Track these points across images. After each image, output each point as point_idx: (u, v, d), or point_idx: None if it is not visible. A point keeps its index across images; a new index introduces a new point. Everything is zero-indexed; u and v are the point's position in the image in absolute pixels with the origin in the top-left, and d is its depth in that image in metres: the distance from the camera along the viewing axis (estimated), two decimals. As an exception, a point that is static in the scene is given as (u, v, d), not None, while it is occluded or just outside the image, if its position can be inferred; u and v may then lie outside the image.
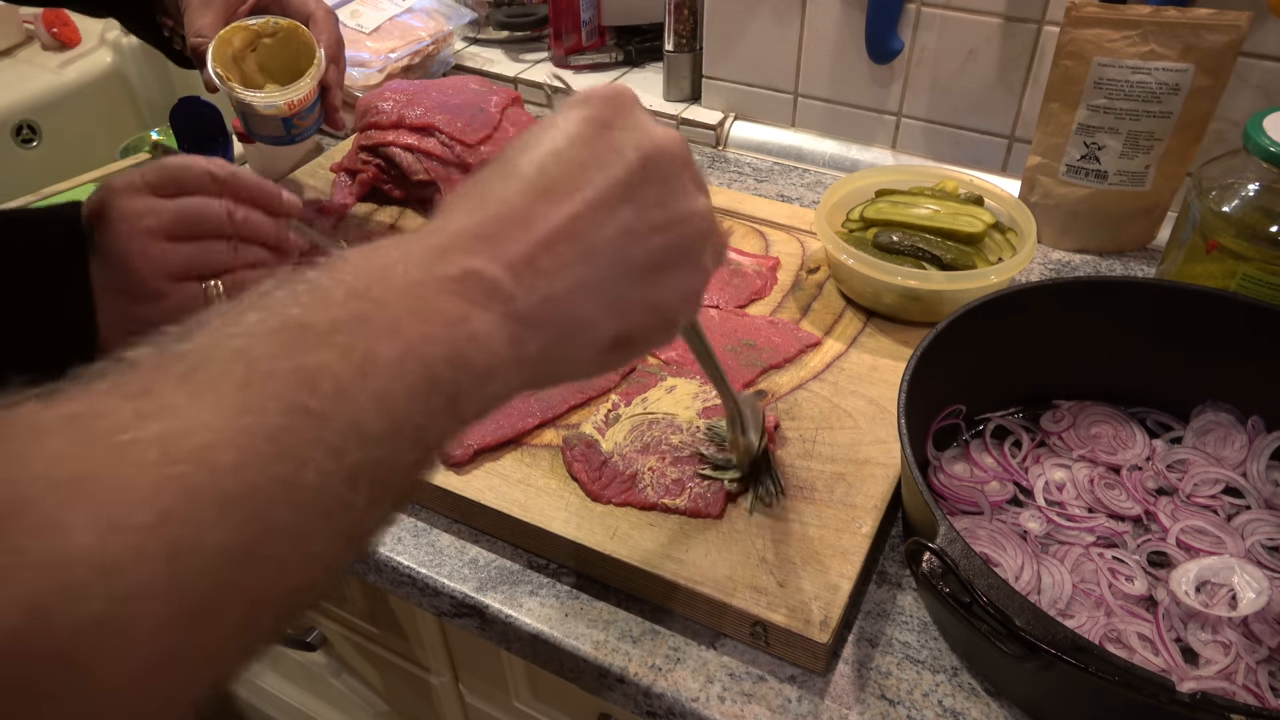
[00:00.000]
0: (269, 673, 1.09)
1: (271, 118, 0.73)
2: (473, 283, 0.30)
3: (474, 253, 0.31)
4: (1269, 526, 0.57)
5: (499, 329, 0.31)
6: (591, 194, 0.34)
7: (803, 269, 0.79)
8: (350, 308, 0.27)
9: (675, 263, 0.37)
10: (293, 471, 0.24)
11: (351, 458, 0.26)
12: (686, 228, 0.37)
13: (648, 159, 0.35)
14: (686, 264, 0.37)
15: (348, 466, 0.25)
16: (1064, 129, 0.79)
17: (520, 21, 1.17)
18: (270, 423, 0.24)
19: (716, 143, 1.03)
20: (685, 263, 0.37)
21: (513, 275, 0.31)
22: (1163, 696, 0.39)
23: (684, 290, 0.38)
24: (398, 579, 0.60)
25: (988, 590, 0.44)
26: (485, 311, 0.30)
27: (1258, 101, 0.76)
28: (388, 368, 0.27)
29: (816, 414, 0.64)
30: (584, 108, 0.36)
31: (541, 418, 0.63)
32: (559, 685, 0.64)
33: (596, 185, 0.34)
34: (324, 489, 0.25)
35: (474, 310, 0.30)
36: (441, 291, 0.30)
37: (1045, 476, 0.61)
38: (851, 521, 0.56)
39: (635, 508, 0.57)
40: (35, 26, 1.23)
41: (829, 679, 0.52)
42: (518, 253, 0.32)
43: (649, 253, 0.35)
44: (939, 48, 0.88)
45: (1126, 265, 0.83)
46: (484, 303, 0.30)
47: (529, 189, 0.33)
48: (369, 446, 0.26)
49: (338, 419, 0.25)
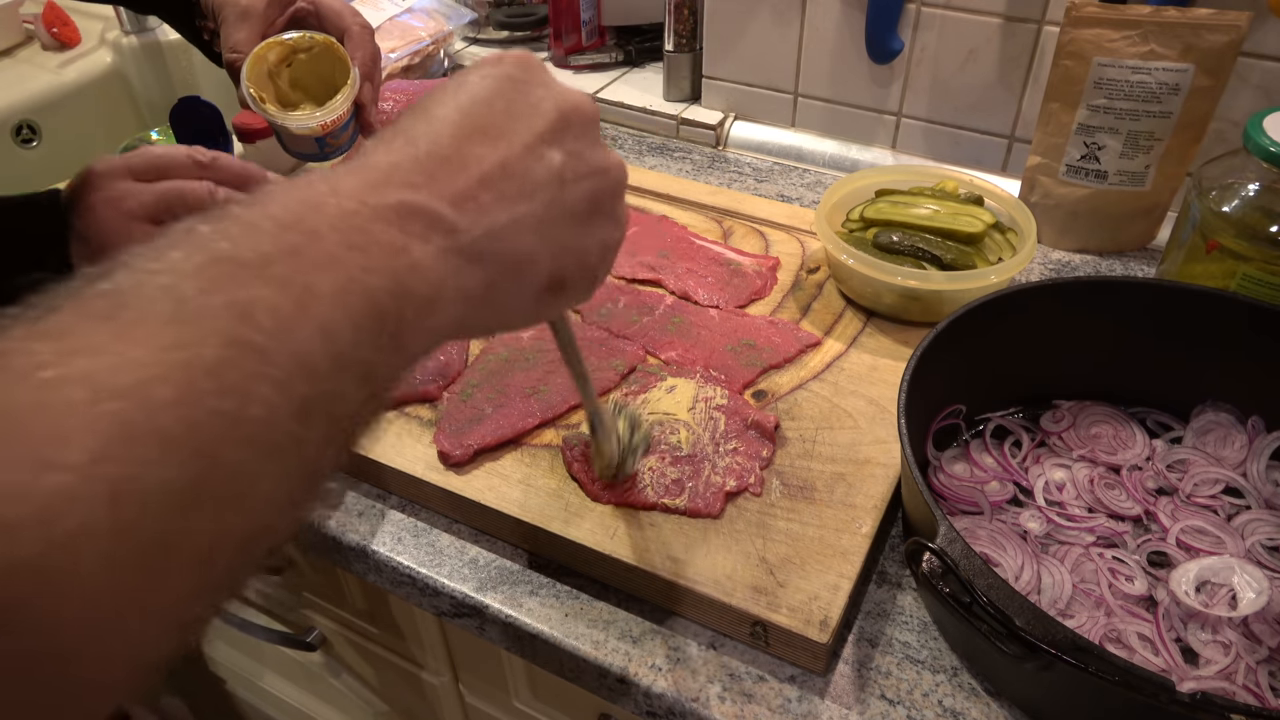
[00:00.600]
0: (269, 673, 1.09)
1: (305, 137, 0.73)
2: (411, 215, 0.30)
3: (413, 186, 0.31)
4: (1269, 526, 0.57)
5: (441, 260, 0.31)
6: (524, 137, 0.35)
7: (803, 269, 0.79)
8: (281, 240, 0.27)
9: (599, 211, 0.38)
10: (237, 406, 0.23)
11: (299, 391, 0.25)
12: (607, 178, 0.38)
13: (566, 113, 0.37)
14: (608, 214, 0.39)
15: (296, 401, 0.25)
16: (1064, 129, 0.79)
17: (520, 21, 1.18)
18: (208, 355, 0.23)
19: (716, 143, 1.03)
20: (607, 212, 0.39)
21: (454, 208, 0.32)
22: (1163, 696, 0.39)
23: (606, 240, 0.39)
24: (398, 579, 0.60)
25: (988, 590, 0.44)
26: (425, 243, 0.30)
27: (1258, 101, 0.76)
28: (328, 299, 0.26)
29: (816, 414, 0.64)
30: (498, 66, 0.37)
31: (541, 418, 0.63)
32: (559, 685, 0.64)
33: (526, 131, 0.35)
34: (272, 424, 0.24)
35: (413, 241, 0.30)
36: (378, 221, 0.29)
37: (1045, 476, 0.61)
38: (851, 521, 0.56)
39: (635, 508, 0.57)
40: (35, 26, 1.23)
41: (829, 679, 0.52)
42: (458, 188, 0.32)
43: (578, 198, 0.37)
44: (939, 48, 0.88)
45: (1126, 265, 0.83)
46: (423, 234, 0.30)
47: (460, 132, 0.34)
48: (316, 380, 0.25)
49: (280, 353, 0.25)
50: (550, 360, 0.68)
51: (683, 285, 0.76)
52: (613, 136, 1.06)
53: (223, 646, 1.11)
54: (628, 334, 0.72)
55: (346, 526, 0.62)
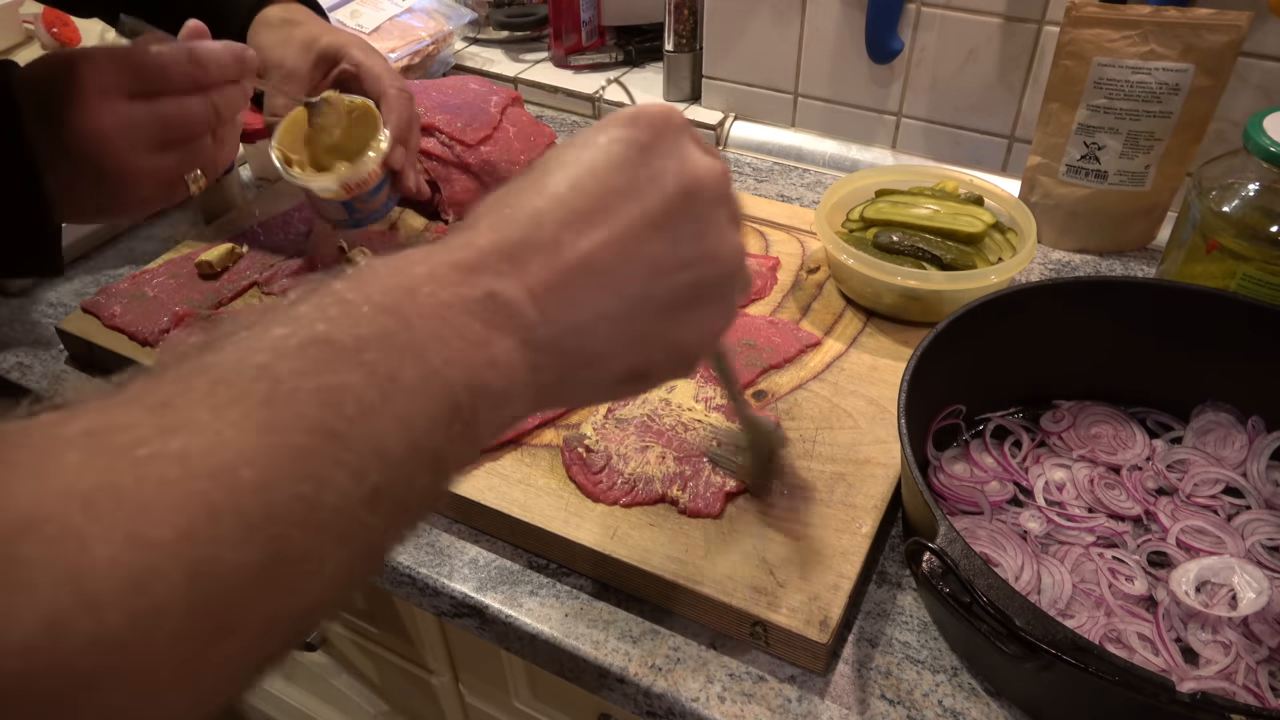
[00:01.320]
0: (269, 673, 1.09)
1: (331, 201, 0.71)
2: (496, 306, 0.30)
3: (500, 274, 0.31)
4: (1269, 526, 0.57)
5: (518, 355, 0.30)
6: (623, 224, 0.33)
7: (803, 269, 0.79)
8: (376, 325, 0.27)
9: (701, 301, 0.36)
10: (314, 492, 0.24)
11: (371, 480, 0.25)
12: (715, 267, 0.36)
13: (686, 192, 0.35)
14: (712, 302, 0.37)
15: (368, 488, 0.25)
16: (1064, 129, 0.79)
17: (520, 21, 1.18)
18: (294, 442, 0.24)
19: (716, 142, 1.03)
20: (711, 301, 0.36)
21: (534, 302, 0.31)
22: (1163, 696, 0.39)
23: (707, 329, 0.37)
24: (398, 579, 0.60)
25: (988, 590, 0.44)
26: (506, 337, 0.30)
27: (1258, 101, 0.77)
28: (410, 390, 0.27)
29: (816, 414, 0.64)
30: (629, 128, 0.35)
31: (541, 418, 0.63)
32: (559, 685, 0.64)
33: (630, 215, 0.33)
34: (343, 510, 0.25)
35: (495, 334, 0.30)
36: (466, 313, 0.29)
37: (1045, 476, 0.61)
38: (851, 521, 0.56)
39: (635, 505, 0.57)
40: (35, 26, 1.23)
41: (829, 679, 0.52)
42: (542, 279, 0.31)
43: (674, 289, 0.35)
44: (939, 48, 0.88)
45: (1126, 265, 0.83)
46: (506, 327, 0.30)
47: (561, 210, 0.33)
48: (389, 469, 0.26)
49: (359, 440, 0.25)
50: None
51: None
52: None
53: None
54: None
55: (346, 526, 0.62)
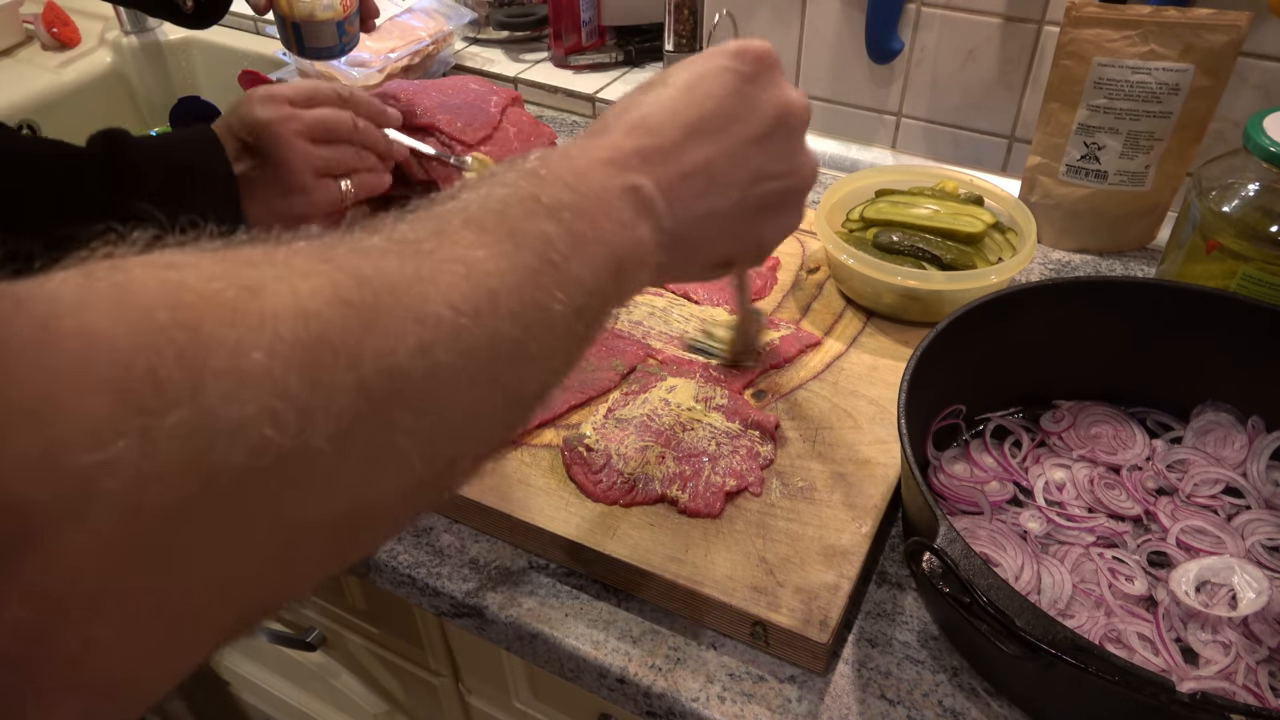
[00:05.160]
0: (269, 673, 1.09)
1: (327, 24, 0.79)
2: (639, 197, 0.37)
3: (639, 171, 0.38)
4: (1269, 526, 0.57)
5: (652, 237, 0.38)
6: (733, 141, 0.41)
7: (803, 269, 0.79)
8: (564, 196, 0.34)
9: (784, 206, 0.44)
10: (546, 300, 0.32)
11: (577, 300, 0.33)
12: (799, 179, 0.44)
13: (780, 119, 0.42)
14: (792, 206, 0.45)
15: (576, 305, 0.33)
16: (1064, 129, 0.79)
17: (520, 21, 1.17)
18: (530, 264, 0.32)
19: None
20: (791, 205, 0.45)
21: (664, 196, 0.38)
22: (1163, 696, 0.39)
23: (785, 227, 0.46)
24: (398, 579, 0.60)
25: (988, 590, 0.44)
26: (644, 220, 0.38)
27: (1258, 101, 0.77)
28: (593, 243, 0.34)
29: (816, 414, 0.64)
30: (736, 60, 0.42)
31: (541, 418, 0.63)
32: (559, 685, 0.64)
33: (738, 134, 0.41)
34: (564, 316, 0.33)
35: (639, 219, 0.37)
36: (619, 198, 0.37)
37: (1045, 476, 0.61)
38: (851, 521, 0.56)
39: (635, 505, 0.57)
40: (35, 26, 1.23)
41: (829, 679, 0.52)
42: (668, 177, 0.39)
43: (765, 195, 0.43)
44: (939, 48, 0.88)
45: (1126, 265, 0.83)
46: (645, 213, 0.38)
47: (682, 124, 0.40)
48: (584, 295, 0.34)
49: (568, 271, 0.33)
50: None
51: (683, 285, 0.76)
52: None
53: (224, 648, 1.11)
54: (628, 333, 0.72)
55: (346, 526, 0.62)
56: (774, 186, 0.43)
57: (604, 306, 0.36)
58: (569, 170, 0.36)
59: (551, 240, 0.33)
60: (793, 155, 0.43)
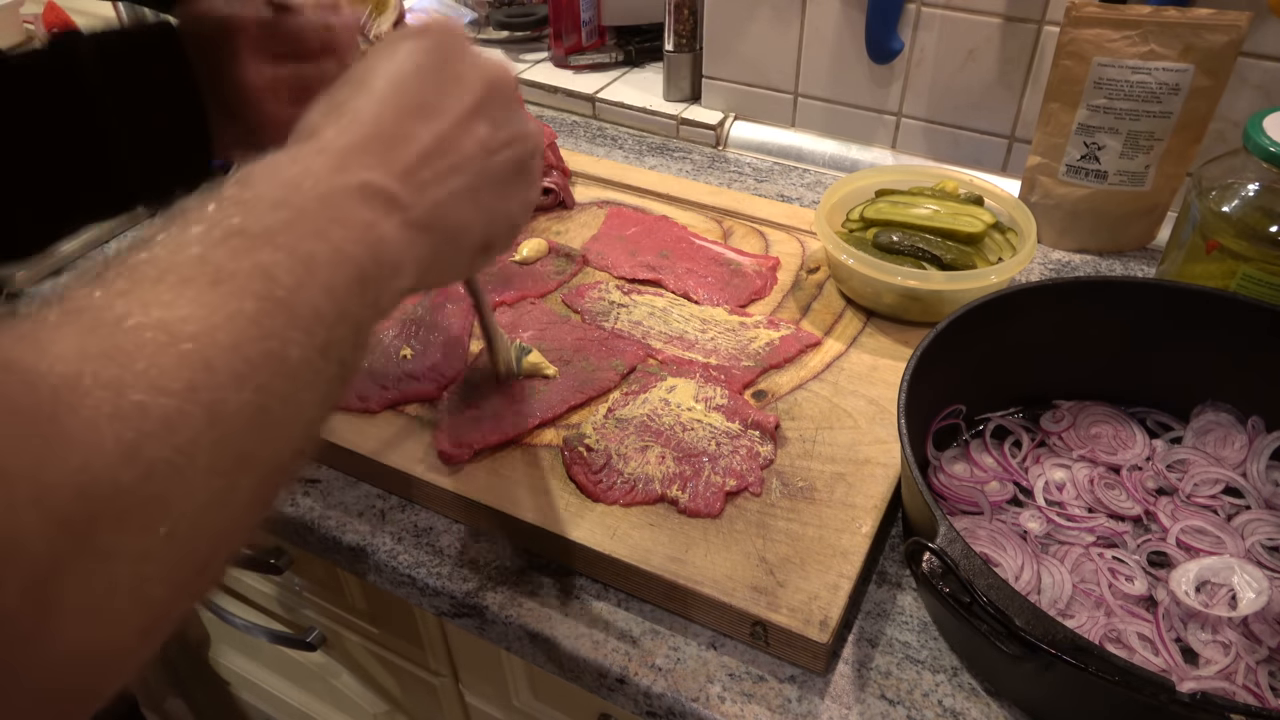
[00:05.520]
0: (269, 673, 1.09)
1: None
2: (372, 193, 0.34)
3: (366, 166, 0.35)
4: (1269, 526, 0.57)
5: (400, 233, 0.35)
6: (454, 114, 0.39)
7: (803, 269, 0.79)
8: (278, 216, 0.31)
9: (521, 174, 0.43)
10: (280, 347, 0.28)
11: (319, 337, 0.30)
12: (527, 144, 0.43)
13: (490, 84, 0.41)
14: (528, 175, 0.44)
15: (318, 344, 0.30)
16: (1064, 129, 0.79)
17: (520, 21, 1.18)
18: (249, 310, 0.28)
19: (716, 143, 1.03)
20: (528, 174, 0.43)
21: (403, 186, 0.36)
22: (1163, 696, 0.39)
23: (526, 200, 0.44)
24: (398, 579, 0.60)
25: (988, 590, 0.44)
26: (387, 217, 0.35)
27: (1258, 101, 0.77)
28: (326, 265, 0.31)
29: (816, 414, 0.64)
30: (424, 39, 0.40)
31: (541, 418, 0.63)
32: (559, 685, 0.64)
33: (456, 107, 0.39)
34: (305, 361, 0.29)
35: (379, 216, 0.34)
36: (349, 201, 0.33)
37: (1045, 476, 0.61)
38: (851, 521, 0.56)
39: (635, 505, 0.57)
40: (35, 26, 1.23)
41: (829, 679, 0.52)
42: (403, 165, 0.36)
43: (502, 165, 0.41)
44: (939, 48, 0.88)
45: (1126, 265, 0.83)
46: (385, 208, 0.35)
47: (398, 109, 0.37)
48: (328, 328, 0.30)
49: (302, 305, 0.29)
50: (550, 360, 0.68)
51: (683, 285, 0.76)
52: (613, 136, 1.06)
53: (223, 648, 1.11)
54: (628, 333, 0.72)
55: (346, 526, 0.62)
56: (507, 155, 0.41)
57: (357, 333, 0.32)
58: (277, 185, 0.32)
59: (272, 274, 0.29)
60: (513, 121, 0.42)
